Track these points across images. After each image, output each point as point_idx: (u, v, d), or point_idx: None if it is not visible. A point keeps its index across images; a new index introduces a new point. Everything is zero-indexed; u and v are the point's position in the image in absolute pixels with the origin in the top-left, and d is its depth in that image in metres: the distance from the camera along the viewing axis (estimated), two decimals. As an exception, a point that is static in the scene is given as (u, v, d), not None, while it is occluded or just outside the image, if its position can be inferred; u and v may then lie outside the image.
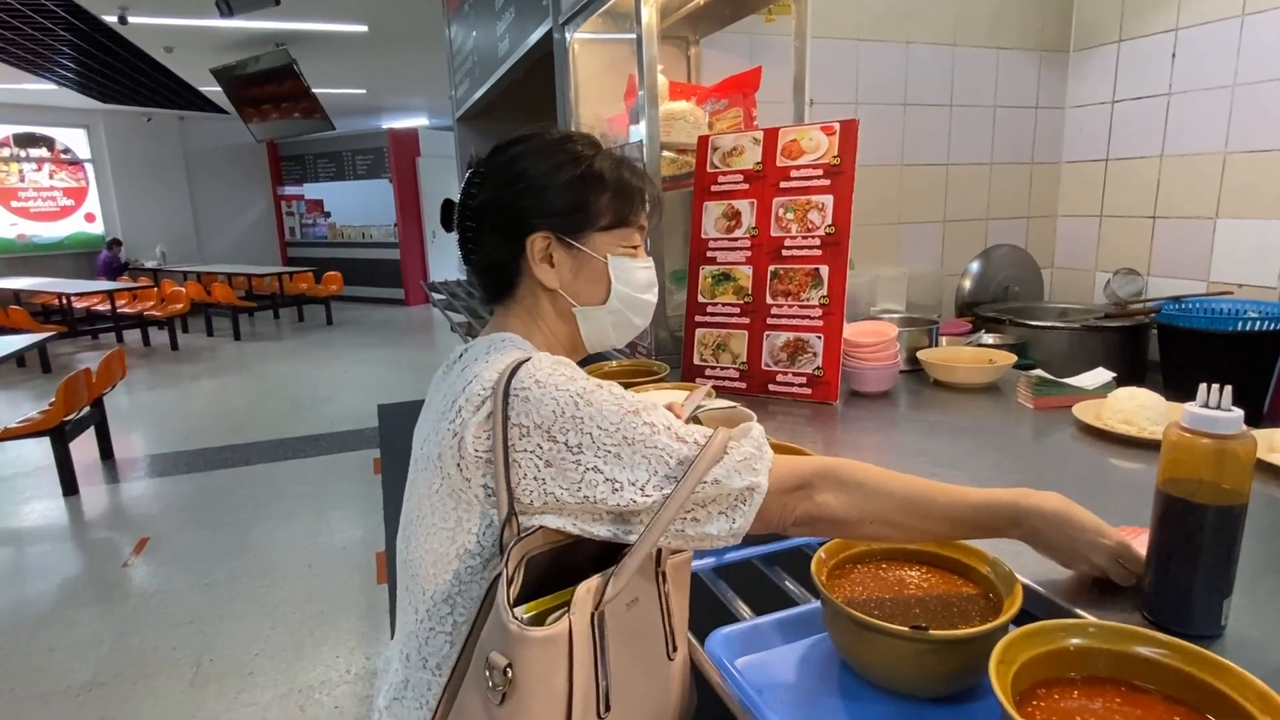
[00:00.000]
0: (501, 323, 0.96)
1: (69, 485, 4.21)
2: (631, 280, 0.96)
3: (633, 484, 0.75)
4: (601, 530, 0.77)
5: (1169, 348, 2.27)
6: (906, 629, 0.74)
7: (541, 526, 0.77)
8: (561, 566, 0.79)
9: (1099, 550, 0.81)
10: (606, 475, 0.75)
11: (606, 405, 0.78)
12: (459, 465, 0.80)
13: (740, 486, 0.76)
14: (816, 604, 0.93)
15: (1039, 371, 1.64)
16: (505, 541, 0.76)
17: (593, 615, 0.73)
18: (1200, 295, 2.42)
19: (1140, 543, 0.81)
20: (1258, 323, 2.09)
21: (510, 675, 0.69)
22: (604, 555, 0.78)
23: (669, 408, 0.98)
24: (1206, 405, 0.72)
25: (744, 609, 0.96)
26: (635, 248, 0.97)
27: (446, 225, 0.98)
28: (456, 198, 0.97)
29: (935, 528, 0.82)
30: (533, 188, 0.91)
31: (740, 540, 0.78)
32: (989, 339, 2.35)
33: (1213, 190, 2.47)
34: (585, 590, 0.73)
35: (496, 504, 0.79)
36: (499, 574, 0.72)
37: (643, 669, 0.81)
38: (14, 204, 10.35)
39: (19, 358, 6.44)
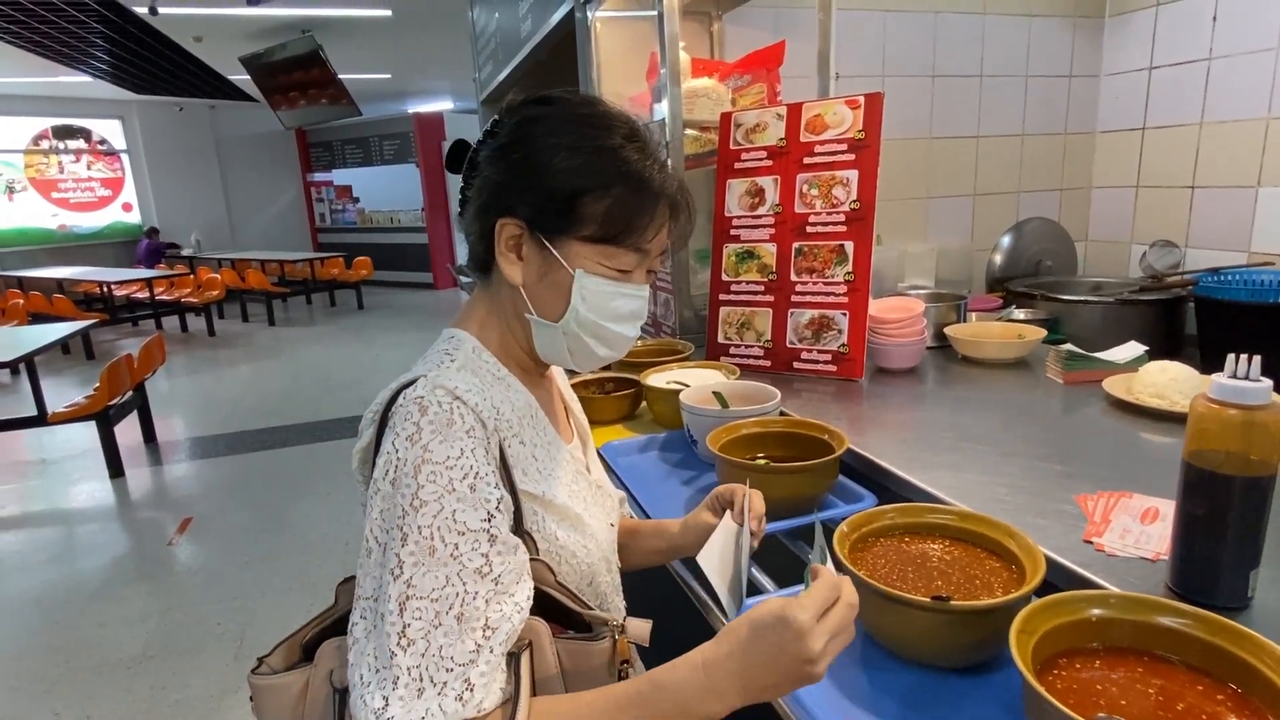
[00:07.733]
0: (469, 309, 0.86)
1: (115, 467, 4.36)
2: (602, 307, 0.80)
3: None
4: None
5: (1207, 321, 2.21)
6: (928, 599, 0.75)
7: None
8: None
9: None
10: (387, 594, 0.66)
11: (425, 522, 0.65)
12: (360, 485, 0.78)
13: None
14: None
15: (1069, 346, 1.61)
16: None
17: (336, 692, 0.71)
18: (1241, 266, 2.36)
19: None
20: (1301, 294, 2.03)
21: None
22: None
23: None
24: (1235, 376, 0.71)
25: (767, 582, 0.97)
26: (625, 272, 0.80)
27: (451, 165, 0.85)
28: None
29: None
30: (526, 163, 0.77)
31: None
32: (1020, 314, 2.31)
33: (1255, 157, 2.39)
34: (332, 648, 0.75)
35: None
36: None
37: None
38: (54, 195, 10.63)
39: (64, 345, 6.62)
